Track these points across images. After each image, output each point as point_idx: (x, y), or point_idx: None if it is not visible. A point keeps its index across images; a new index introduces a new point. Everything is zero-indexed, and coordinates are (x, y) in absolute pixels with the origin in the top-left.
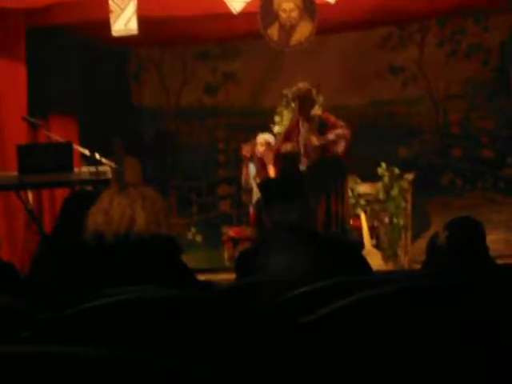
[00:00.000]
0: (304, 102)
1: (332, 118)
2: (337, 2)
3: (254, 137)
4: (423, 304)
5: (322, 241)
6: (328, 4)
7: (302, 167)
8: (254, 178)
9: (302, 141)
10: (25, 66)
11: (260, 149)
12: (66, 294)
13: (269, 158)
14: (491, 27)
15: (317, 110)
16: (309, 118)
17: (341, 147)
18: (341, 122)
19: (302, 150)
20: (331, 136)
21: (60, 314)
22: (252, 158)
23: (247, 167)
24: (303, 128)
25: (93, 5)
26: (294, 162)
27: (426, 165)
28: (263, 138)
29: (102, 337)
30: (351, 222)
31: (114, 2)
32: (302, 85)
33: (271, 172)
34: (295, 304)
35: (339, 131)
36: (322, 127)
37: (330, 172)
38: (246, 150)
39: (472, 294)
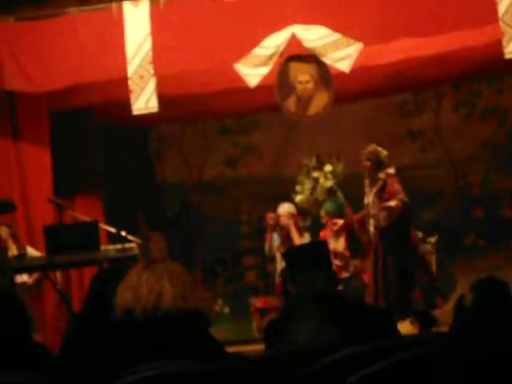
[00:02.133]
0: (371, 164)
1: (394, 187)
2: (351, 72)
3: (276, 206)
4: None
5: (349, 307)
6: (343, 74)
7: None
8: (278, 248)
9: (367, 202)
10: (49, 148)
11: (285, 221)
12: (97, 373)
13: (293, 228)
14: (505, 89)
15: (382, 174)
16: (374, 180)
17: (385, 220)
18: (400, 195)
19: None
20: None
21: None
22: (276, 226)
23: (271, 235)
24: (369, 189)
25: (112, 85)
26: None
27: (448, 227)
28: (287, 210)
29: None
30: None
31: (134, 82)
32: (370, 147)
33: (296, 241)
34: (326, 372)
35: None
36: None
37: None
38: (270, 218)
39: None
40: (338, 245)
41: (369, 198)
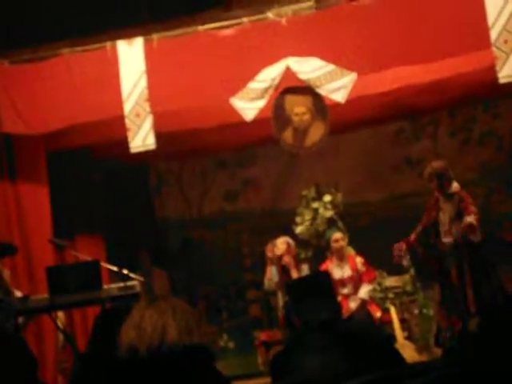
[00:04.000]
0: (442, 180)
1: (468, 199)
2: (347, 102)
3: (276, 238)
4: None
5: (354, 337)
6: (338, 104)
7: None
8: (277, 283)
9: (445, 219)
10: (47, 189)
11: (278, 252)
12: None
13: (291, 263)
14: (501, 113)
15: (455, 188)
16: (448, 196)
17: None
18: (473, 208)
19: (446, 227)
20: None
21: None
22: (273, 258)
23: (270, 269)
24: (445, 205)
25: (109, 124)
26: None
27: None
28: (281, 241)
29: None
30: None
31: (130, 120)
32: (436, 163)
33: (294, 274)
34: None
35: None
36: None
37: None
38: (269, 250)
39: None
40: (344, 272)
41: (446, 215)
